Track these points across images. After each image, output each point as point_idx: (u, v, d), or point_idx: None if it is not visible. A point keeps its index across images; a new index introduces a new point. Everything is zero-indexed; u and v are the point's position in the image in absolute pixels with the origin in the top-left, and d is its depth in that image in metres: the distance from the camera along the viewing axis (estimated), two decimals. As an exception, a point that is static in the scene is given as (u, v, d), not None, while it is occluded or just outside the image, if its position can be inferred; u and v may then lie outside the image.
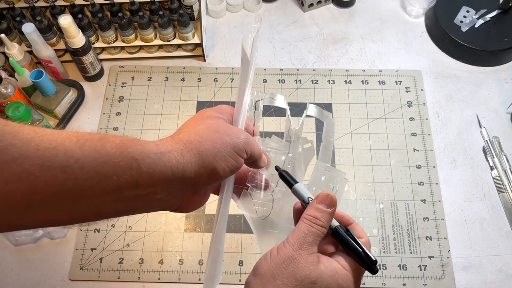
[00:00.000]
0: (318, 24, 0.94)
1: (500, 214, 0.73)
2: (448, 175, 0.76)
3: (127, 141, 0.35)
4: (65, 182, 0.31)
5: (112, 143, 0.34)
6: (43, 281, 0.68)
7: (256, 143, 0.42)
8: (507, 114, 0.82)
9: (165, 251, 0.70)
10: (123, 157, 0.34)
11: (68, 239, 0.71)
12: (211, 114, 0.41)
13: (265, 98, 0.49)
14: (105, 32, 0.83)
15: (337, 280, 0.37)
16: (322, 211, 0.39)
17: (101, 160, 0.33)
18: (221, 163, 0.38)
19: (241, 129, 0.42)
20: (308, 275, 0.36)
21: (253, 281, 0.37)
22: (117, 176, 0.33)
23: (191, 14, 0.86)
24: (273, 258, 0.37)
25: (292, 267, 0.36)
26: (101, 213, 0.36)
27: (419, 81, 0.85)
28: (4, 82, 0.74)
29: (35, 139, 0.31)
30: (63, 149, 0.32)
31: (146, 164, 0.34)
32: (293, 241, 0.38)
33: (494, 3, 0.88)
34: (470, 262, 0.69)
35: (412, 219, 0.72)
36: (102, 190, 0.33)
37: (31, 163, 0.30)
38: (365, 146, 0.79)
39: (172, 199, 0.39)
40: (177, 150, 0.37)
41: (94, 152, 0.33)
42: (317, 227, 0.38)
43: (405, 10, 0.95)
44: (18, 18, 0.79)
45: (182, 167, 0.36)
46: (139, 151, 0.35)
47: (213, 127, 0.39)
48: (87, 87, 0.86)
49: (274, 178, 0.47)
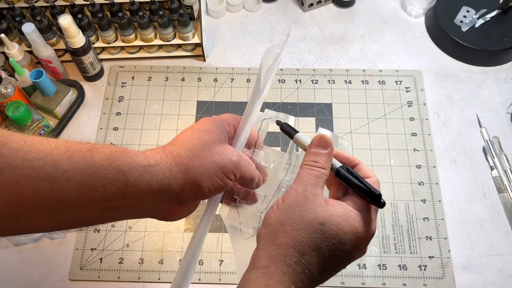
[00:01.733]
0: (318, 24, 0.94)
1: (500, 214, 0.73)
2: (448, 175, 0.76)
3: (116, 153, 0.35)
4: (51, 192, 0.32)
5: (101, 154, 0.34)
6: (43, 281, 0.68)
7: (249, 166, 0.41)
8: (507, 114, 0.82)
9: (165, 251, 0.70)
10: (111, 169, 0.34)
11: (68, 239, 0.71)
12: (209, 129, 0.41)
13: (275, 117, 0.47)
14: (105, 32, 0.83)
15: (348, 220, 0.36)
16: (319, 153, 0.39)
17: (89, 171, 0.33)
18: (207, 181, 0.38)
19: (234, 150, 0.41)
20: (316, 217, 0.35)
21: (263, 232, 0.37)
22: (104, 188, 0.34)
23: (191, 14, 0.86)
24: (279, 206, 0.37)
25: (299, 211, 0.36)
26: (87, 221, 0.36)
27: (419, 81, 0.85)
28: (4, 82, 0.74)
29: (23, 148, 0.31)
30: (51, 160, 0.32)
31: (134, 177, 0.35)
32: (296, 186, 0.37)
33: (494, 3, 0.88)
34: (470, 262, 0.69)
35: (412, 219, 0.72)
36: (89, 200, 0.34)
37: (19, 174, 0.31)
38: (365, 146, 0.79)
39: (157, 209, 0.39)
40: (165, 164, 0.37)
41: (83, 164, 0.33)
42: (317, 169, 0.38)
43: (405, 10, 0.95)
44: (18, 18, 0.79)
45: (168, 181, 0.37)
46: (127, 163, 0.35)
47: (207, 144, 0.39)
48: (87, 87, 0.86)
49: (266, 198, 0.47)
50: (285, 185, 0.47)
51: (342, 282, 0.67)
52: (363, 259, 0.69)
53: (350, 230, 0.36)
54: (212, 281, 0.68)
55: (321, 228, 0.35)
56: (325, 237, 0.35)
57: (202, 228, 0.44)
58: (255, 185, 0.44)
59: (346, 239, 0.35)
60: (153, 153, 0.38)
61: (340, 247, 0.35)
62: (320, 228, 0.35)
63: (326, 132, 0.47)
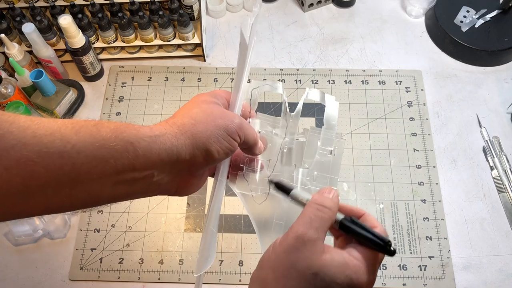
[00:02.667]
0: (318, 24, 0.94)
1: (500, 214, 0.73)
2: (448, 175, 0.76)
3: (121, 126, 0.35)
4: (63, 167, 0.32)
5: (107, 128, 0.34)
6: (43, 281, 0.68)
7: (251, 129, 0.42)
8: (507, 114, 0.82)
9: (165, 251, 0.70)
10: (119, 141, 0.34)
11: (68, 239, 0.71)
12: (206, 99, 0.41)
13: (264, 86, 0.49)
14: (105, 32, 0.83)
15: (345, 272, 0.33)
16: (328, 198, 0.37)
17: (97, 144, 0.33)
18: (215, 145, 0.38)
19: (235, 114, 0.42)
20: (309, 266, 0.33)
21: (255, 275, 0.36)
22: (114, 160, 0.34)
23: (191, 14, 0.86)
24: (275, 249, 0.35)
25: (293, 257, 0.34)
26: (101, 197, 0.36)
27: (419, 81, 0.85)
28: (4, 82, 0.74)
29: (31, 126, 0.32)
30: (60, 135, 0.32)
31: (142, 147, 0.35)
32: (297, 227, 0.35)
33: (494, 3, 0.88)
34: (470, 262, 0.69)
35: (412, 219, 0.72)
36: (100, 174, 0.34)
37: (29, 150, 0.31)
38: (365, 146, 0.79)
39: (169, 181, 0.39)
40: (171, 133, 0.37)
41: (90, 137, 0.33)
42: (325, 211, 0.36)
43: (405, 10, 0.95)
44: (18, 18, 0.79)
45: (177, 149, 0.37)
46: (133, 135, 0.35)
47: (207, 111, 0.40)
48: (87, 87, 0.86)
49: (271, 163, 0.48)
50: (286, 147, 0.49)
51: (342, 282, 0.67)
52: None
53: (345, 282, 0.33)
54: (212, 281, 0.68)
55: (313, 278, 0.33)
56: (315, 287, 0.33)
57: (218, 197, 0.44)
58: (258, 150, 0.44)
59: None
60: (156, 125, 0.38)
61: None
62: (312, 279, 0.33)
63: (315, 91, 0.50)
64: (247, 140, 0.41)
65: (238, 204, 0.73)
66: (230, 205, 0.73)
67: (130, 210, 0.73)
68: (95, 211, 0.73)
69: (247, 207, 0.48)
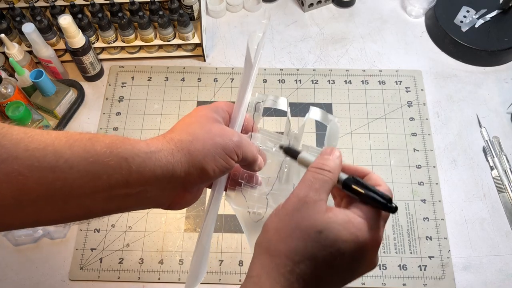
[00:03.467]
0: (318, 24, 0.94)
1: (500, 214, 0.73)
2: (448, 175, 0.76)
3: (117, 141, 0.35)
4: (54, 182, 0.32)
5: (102, 143, 0.34)
6: (43, 281, 0.68)
7: (251, 146, 0.41)
8: (507, 114, 0.82)
9: (165, 251, 0.70)
10: (113, 157, 0.34)
11: (68, 239, 0.71)
12: (206, 114, 0.41)
13: (267, 100, 0.48)
14: (105, 32, 0.83)
15: (349, 229, 0.33)
16: (328, 158, 0.37)
17: (91, 159, 0.33)
18: (211, 163, 0.38)
19: (234, 131, 0.41)
20: (313, 224, 0.33)
21: (260, 239, 0.36)
22: (107, 176, 0.34)
23: (191, 14, 0.86)
24: (278, 212, 0.36)
25: (296, 218, 0.34)
26: (92, 211, 0.36)
27: (419, 81, 0.85)
28: (4, 82, 0.74)
29: (24, 140, 0.31)
30: (53, 149, 0.32)
31: (136, 163, 0.35)
32: (298, 191, 0.35)
33: (494, 3, 0.88)
34: (470, 262, 0.69)
35: (412, 219, 0.72)
36: (92, 189, 0.33)
37: (21, 164, 0.31)
38: (365, 146, 0.79)
39: (163, 197, 0.39)
40: (167, 150, 0.37)
41: (84, 152, 0.33)
42: (324, 173, 0.36)
43: (405, 10, 0.95)
44: (18, 18, 0.79)
45: (172, 166, 0.36)
46: (129, 150, 0.35)
47: (206, 127, 0.39)
48: (87, 87, 0.86)
49: (270, 180, 0.47)
50: (287, 165, 0.47)
51: (342, 282, 0.67)
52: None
53: (351, 239, 0.33)
54: (212, 281, 0.68)
55: (317, 236, 0.33)
56: (321, 245, 0.33)
57: (212, 213, 0.43)
58: (257, 167, 0.43)
59: (345, 249, 0.33)
60: (153, 140, 0.37)
61: (339, 256, 0.33)
62: (316, 236, 0.33)
63: (317, 110, 0.49)
64: (245, 158, 0.41)
65: (238, 204, 0.73)
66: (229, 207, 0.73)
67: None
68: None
69: (243, 225, 0.47)
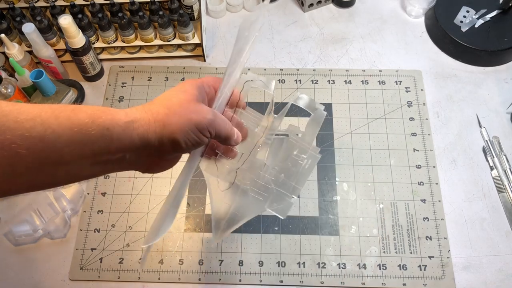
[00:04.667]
0: (318, 24, 0.94)
1: (500, 214, 0.73)
2: (448, 175, 0.76)
3: (98, 111, 0.38)
4: (44, 150, 0.34)
5: (84, 114, 0.37)
6: (43, 281, 0.68)
7: (224, 124, 0.44)
8: (507, 114, 0.82)
9: (165, 251, 0.70)
10: (95, 126, 0.37)
11: (68, 239, 0.71)
12: (188, 89, 0.44)
13: (257, 81, 0.50)
14: (105, 32, 0.83)
15: None
16: None
17: (76, 129, 0.36)
18: (184, 137, 0.41)
19: (210, 110, 0.44)
20: None
21: None
22: (91, 143, 0.37)
23: (191, 14, 0.86)
24: None
25: None
26: (80, 175, 0.40)
27: (419, 81, 0.85)
28: (4, 82, 0.74)
29: (13, 112, 0.34)
30: (40, 120, 0.35)
31: (116, 132, 0.38)
32: None
33: (494, 3, 0.88)
34: (470, 262, 0.69)
35: (412, 219, 0.72)
36: (79, 156, 0.37)
37: (13, 134, 0.33)
38: (365, 146, 0.79)
39: (140, 162, 0.43)
40: (144, 119, 0.40)
41: (69, 122, 0.36)
42: None
43: (405, 10, 0.95)
44: (18, 18, 0.79)
45: (147, 135, 0.40)
46: (109, 120, 0.38)
47: (184, 104, 0.42)
48: (87, 87, 0.86)
49: (242, 157, 0.50)
50: (260, 145, 0.51)
51: (342, 282, 0.68)
52: (363, 259, 0.69)
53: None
54: (212, 281, 0.68)
55: None
56: None
57: (182, 177, 0.47)
58: (234, 142, 0.47)
59: None
60: (132, 110, 0.41)
61: None
62: None
63: (305, 98, 0.53)
64: (218, 135, 0.44)
65: (238, 204, 0.73)
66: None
67: (130, 210, 0.73)
68: (95, 211, 0.73)
69: (209, 190, 0.51)
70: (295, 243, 0.71)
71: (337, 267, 0.69)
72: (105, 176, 0.76)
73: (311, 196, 0.74)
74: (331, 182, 0.75)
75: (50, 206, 0.71)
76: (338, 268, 0.69)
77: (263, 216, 0.73)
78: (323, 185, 0.75)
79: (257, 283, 0.68)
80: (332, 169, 0.76)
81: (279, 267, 0.69)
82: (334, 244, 0.70)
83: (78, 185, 0.74)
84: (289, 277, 0.68)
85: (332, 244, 0.70)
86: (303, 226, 0.72)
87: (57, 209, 0.71)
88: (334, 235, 0.71)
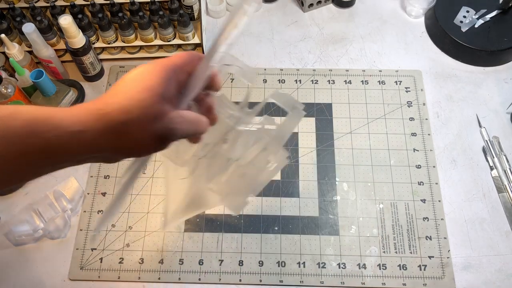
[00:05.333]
0: (318, 24, 0.94)
1: (500, 214, 0.73)
2: (448, 175, 0.76)
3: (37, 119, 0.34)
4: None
5: (23, 122, 0.34)
6: (43, 281, 0.68)
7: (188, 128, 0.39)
8: (507, 114, 0.82)
9: (165, 251, 0.70)
10: (34, 138, 0.34)
11: (68, 239, 0.71)
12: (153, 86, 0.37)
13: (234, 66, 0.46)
14: (105, 32, 0.83)
15: None
16: None
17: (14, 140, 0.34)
18: (141, 148, 0.38)
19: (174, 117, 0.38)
20: None
21: None
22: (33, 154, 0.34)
23: (191, 14, 0.86)
24: None
25: None
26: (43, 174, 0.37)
27: (419, 81, 0.85)
28: (4, 82, 0.74)
29: None
30: None
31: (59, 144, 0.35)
32: None
33: (494, 3, 0.88)
34: (470, 262, 0.69)
35: (412, 219, 0.72)
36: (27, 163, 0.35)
37: None
38: (365, 146, 0.79)
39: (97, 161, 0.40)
40: (95, 129, 0.35)
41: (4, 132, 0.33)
42: None
43: (405, 10, 0.95)
44: (18, 18, 0.79)
45: (99, 145, 0.36)
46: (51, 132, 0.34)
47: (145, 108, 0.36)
48: (87, 87, 0.86)
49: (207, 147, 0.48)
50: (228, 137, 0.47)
51: (342, 282, 0.68)
52: (363, 259, 0.69)
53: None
54: (212, 281, 0.68)
55: None
56: None
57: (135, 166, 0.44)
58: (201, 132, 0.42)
59: None
60: (81, 115, 0.36)
61: None
62: None
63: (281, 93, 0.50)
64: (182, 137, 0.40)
65: (238, 204, 0.73)
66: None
67: (130, 210, 0.74)
68: (95, 210, 0.73)
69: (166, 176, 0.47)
70: (295, 243, 0.71)
71: (337, 267, 0.69)
72: (105, 176, 0.77)
73: (311, 196, 0.74)
74: (331, 182, 0.75)
75: (50, 206, 0.71)
76: (338, 268, 0.69)
77: (263, 216, 0.73)
78: (323, 185, 0.75)
79: (257, 283, 0.68)
80: (332, 169, 0.76)
81: (279, 267, 0.69)
82: (334, 244, 0.70)
83: (78, 185, 0.74)
84: (289, 277, 0.68)
85: (332, 244, 0.70)
86: (303, 226, 0.72)
87: (57, 209, 0.71)
88: (334, 235, 0.71)
